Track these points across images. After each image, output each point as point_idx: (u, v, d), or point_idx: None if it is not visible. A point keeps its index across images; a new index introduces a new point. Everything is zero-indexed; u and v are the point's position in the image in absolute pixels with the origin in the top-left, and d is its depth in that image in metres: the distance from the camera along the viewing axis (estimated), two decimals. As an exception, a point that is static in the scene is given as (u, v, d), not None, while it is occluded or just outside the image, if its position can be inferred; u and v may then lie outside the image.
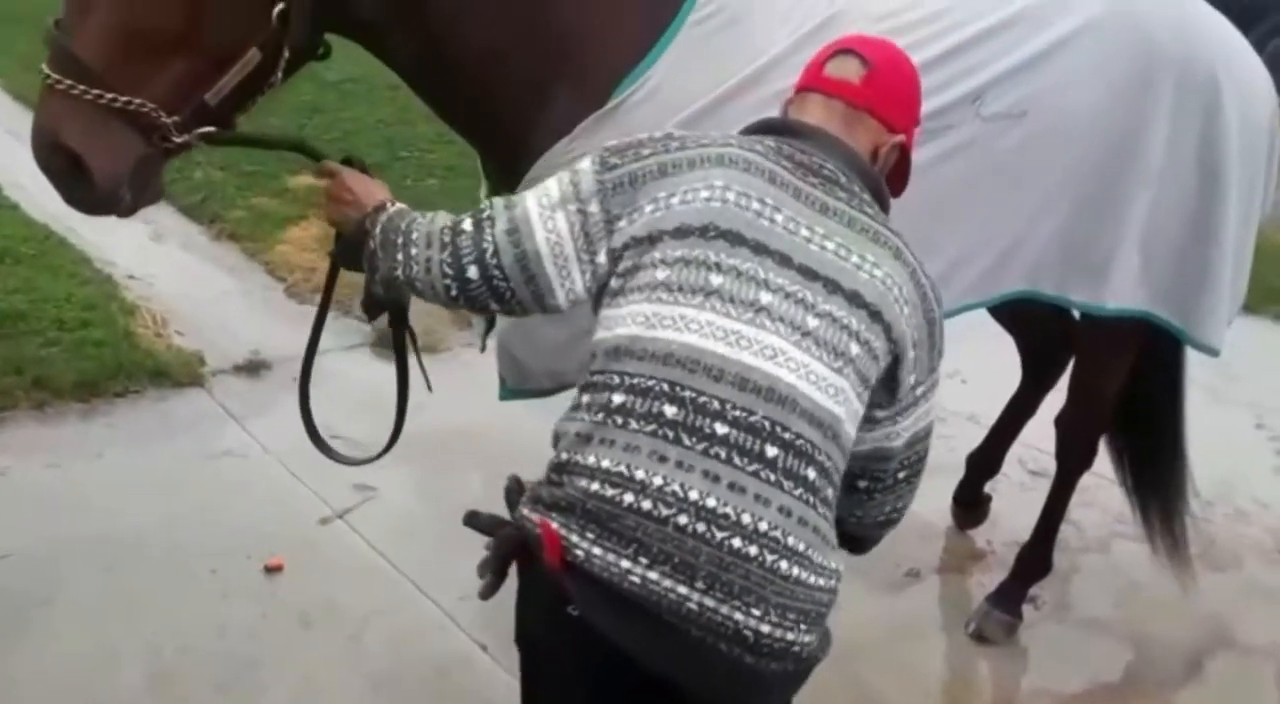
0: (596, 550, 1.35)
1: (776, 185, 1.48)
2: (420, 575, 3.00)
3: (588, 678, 1.43)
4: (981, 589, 3.10)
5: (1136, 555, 3.32)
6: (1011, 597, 3.01)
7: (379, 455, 2.15)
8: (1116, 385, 2.75)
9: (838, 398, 1.41)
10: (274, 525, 3.14)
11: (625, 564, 1.34)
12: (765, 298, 1.41)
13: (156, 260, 4.95)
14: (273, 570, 2.96)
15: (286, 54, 1.76)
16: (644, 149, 1.53)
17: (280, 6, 1.71)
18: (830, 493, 1.44)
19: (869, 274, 1.47)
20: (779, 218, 1.45)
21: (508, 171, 2.02)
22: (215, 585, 2.89)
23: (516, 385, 2.29)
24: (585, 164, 1.54)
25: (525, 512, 1.44)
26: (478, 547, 3.14)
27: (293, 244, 5.22)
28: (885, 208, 1.60)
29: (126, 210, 1.77)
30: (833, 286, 1.44)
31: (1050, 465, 3.15)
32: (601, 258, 1.50)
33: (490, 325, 2.32)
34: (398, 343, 2.10)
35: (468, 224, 1.54)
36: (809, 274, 1.43)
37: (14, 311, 4.07)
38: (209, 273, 4.93)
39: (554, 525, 1.37)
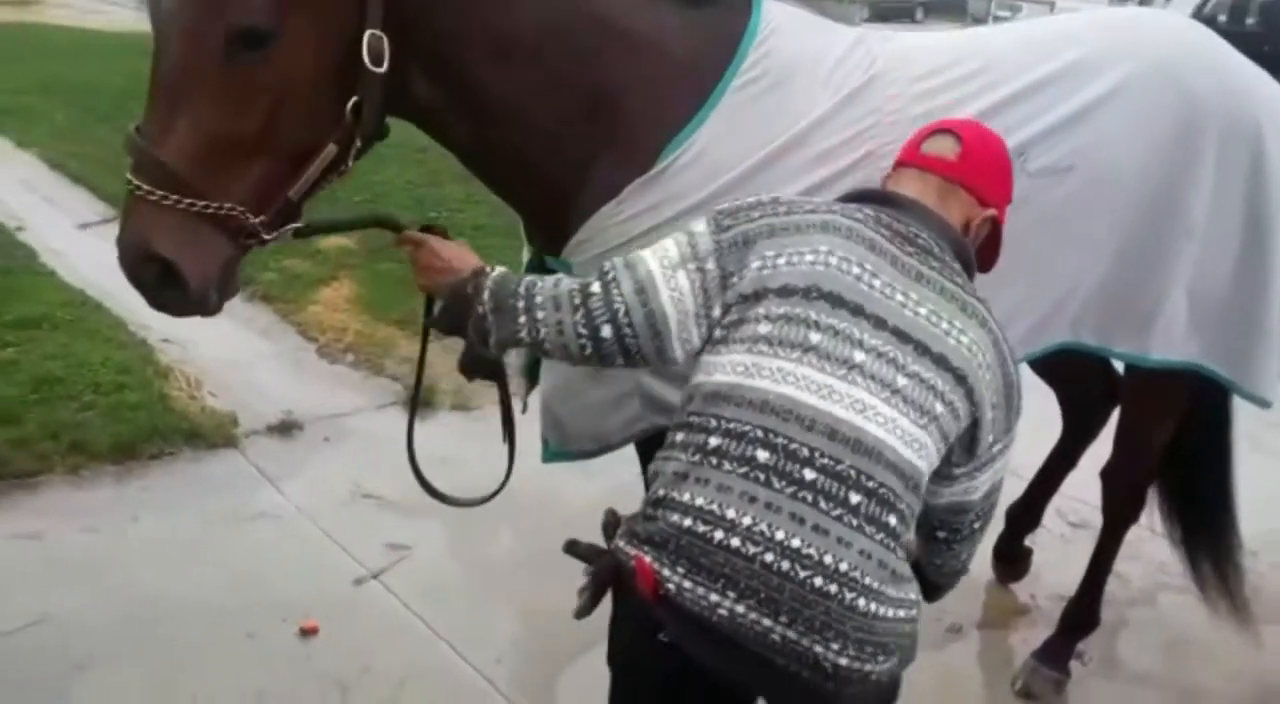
0: (687, 584, 1.45)
1: (875, 252, 1.59)
2: (456, 636, 2.97)
3: (677, 697, 1.54)
4: (1025, 645, 3.04)
5: (1183, 608, 3.26)
6: (1058, 652, 2.95)
7: (488, 498, 2.26)
8: (1164, 437, 2.71)
9: (921, 452, 1.52)
10: (308, 587, 3.13)
11: (714, 597, 1.43)
12: (859, 356, 1.51)
13: (190, 323, 4.98)
14: (308, 633, 2.94)
15: (359, 143, 1.80)
16: (754, 211, 1.64)
17: (354, 100, 1.75)
18: (909, 537, 1.55)
19: (956, 340, 1.57)
20: (877, 283, 1.56)
21: (553, 236, 2.02)
22: (251, 650, 2.87)
23: (559, 447, 2.29)
24: (700, 226, 1.64)
25: (621, 544, 1.53)
26: (513, 606, 3.14)
27: (324, 305, 5.28)
28: (972, 277, 1.70)
29: (213, 310, 1.79)
30: (922, 349, 1.55)
31: (1091, 517, 3.10)
32: (716, 312, 1.59)
33: (532, 385, 2.31)
34: (503, 398, 2.15)
35: (596, 287, 1.62)
36: (901, 337, 1.54)
37: (51, 376, 4.12)
38: (242, 335, 4.97)
39: (648, 560, 1.47)
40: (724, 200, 1.88)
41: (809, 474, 1.45)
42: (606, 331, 1.59)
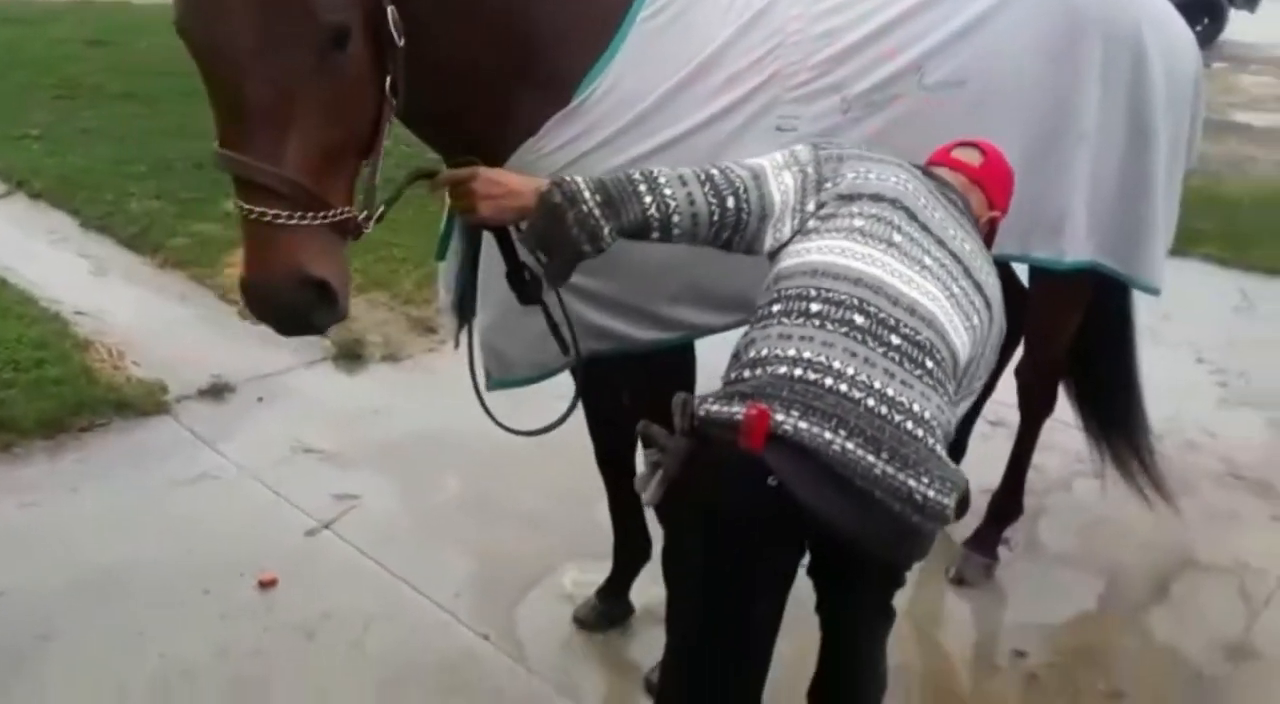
0: (803, 424, 1.59)
1: (934, 195, 1.88)
2: (413, 576, 3.04)
3: (781, 539, 1.69)
4: (957, 535, 3.20)
5: (1097, 492, 3.48)
6: (987, 540, 3.14)
7: (554, 425, 2.18)
8: (1070, 334, 2.88)
9: (965, 347, 1.77)
10: (261, 542, 3.16)
11: (828, 435, 1.59)
12: (928, 260, 1.77)
13: (102, 294, 4.90)
14: (267, 586, 2.97)
15: (393, 119, 1.80)
16: (844, 144, 1.93)
17: (389, 78, 1.74)
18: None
19: (987, 277, 1.86)
20: (936, 215, 1.84)
21: None
22: (212, 606, 2.90)
23: (502, 377, 2.35)
24: (800, 146, 1.88)
25: (717, 407, 1.65)
26: (464, 545, 3.21)
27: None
28: None
29: (343, 317, 1.76)
30: (967, 273, 1.81)
31: (1008, 415, 3.28)
32: (810, 208, 1.82)
33: (462, 324, 2.36)
34: (558, 312, 2.08)
35: (713, 170, 1.79)
36: (955, 258, 1.81)
37: (-35, 358, 4.03)
38: (159, 302, 4.89)
39: (764, 406, 1.60)
40: (641, 129, 2.02)
41: (895, 339, 1.67)
42: (730, 203, 1.77)
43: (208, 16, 1.60)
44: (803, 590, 1.81)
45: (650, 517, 2.71)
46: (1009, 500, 3.18)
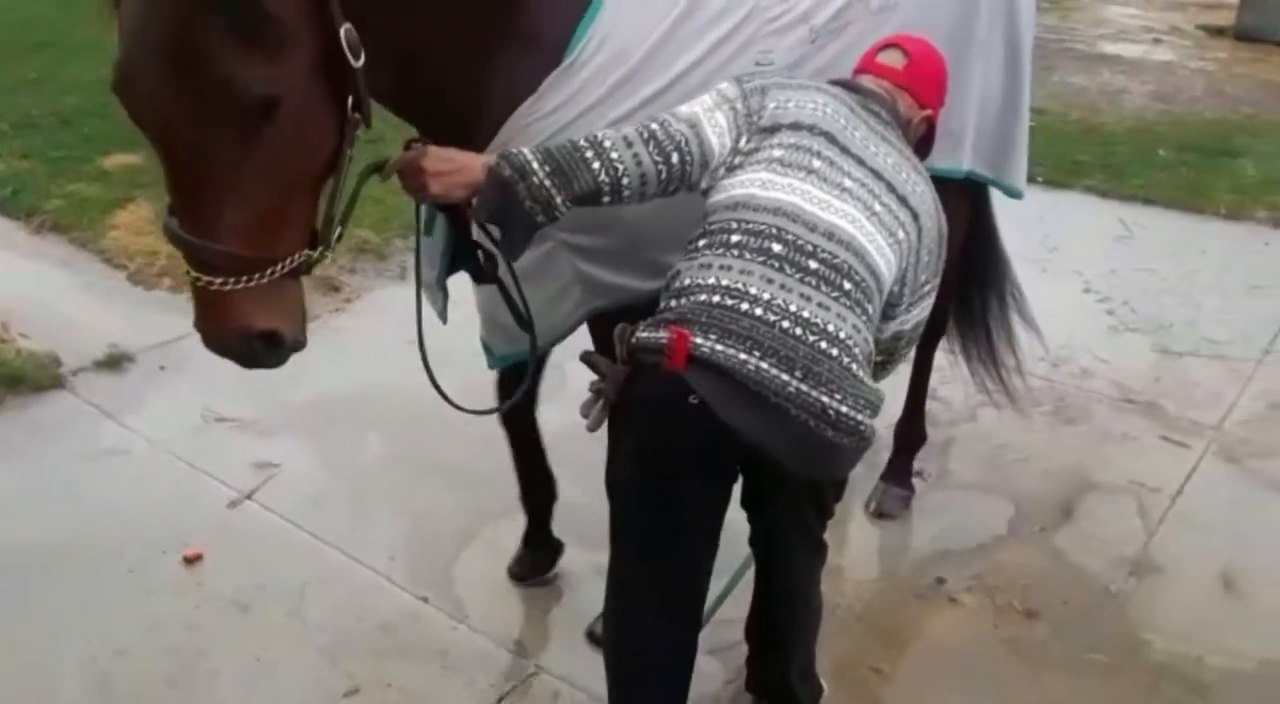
0: (720, 346, 1.71)
1: (855, 113, 1.96)
2: (346, 542, 3.02)
3: (707, 455, 1.82)
4: (872, 471, 3.32)
5: (999, 421, 3.65)
6: (900, 472, 3.27)
7: (509, 404, 2.41)
8: (958, 250, 2.96)
9: (888, 266, 1.86)
10: (182, 516, 3.08)
11: (743, 356, 1.70)
12: (848, 182, 1.85)
13: (-23, 265, 4.64)
14: (192, 561, 2.91)
15: (359, 132, 1.78)
16: (758, 75, 1.97)
17: (350, 99, 1.73)
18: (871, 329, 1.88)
19: (913, 188, 1.95)
20: (857, 134, 1.92)
21: (456, 144, 1.93)
22: (137, 584, 2.83)
23: (505, 351, 2.35)
24: (724, 83, 1.93)
25: (646, 334, 1.77)
26: (394, 507, 3.19)
27: (125, 229, 4.97)
28: None
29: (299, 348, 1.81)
30: (889, 187, 1.90)
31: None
32: (742, 144, 1.88)
33: (445, 296, 2.33)
34: (519, 294, 2.12)
35: (654, 125, 1.83)
36: (876, 176, 1.89)
37: None
38: (39, 270, 4.64)
39: (684, 330, 1.72)
40: (635, 81, 2.02)
41: (813, 264, 1.77)
42: (675, 158, 1.82)
43: (134, 91, 1.60)
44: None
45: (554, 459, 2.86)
46: (912, 428, 3.30)
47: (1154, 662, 2.68)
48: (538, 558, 2.93)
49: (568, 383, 3.16)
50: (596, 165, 1.77)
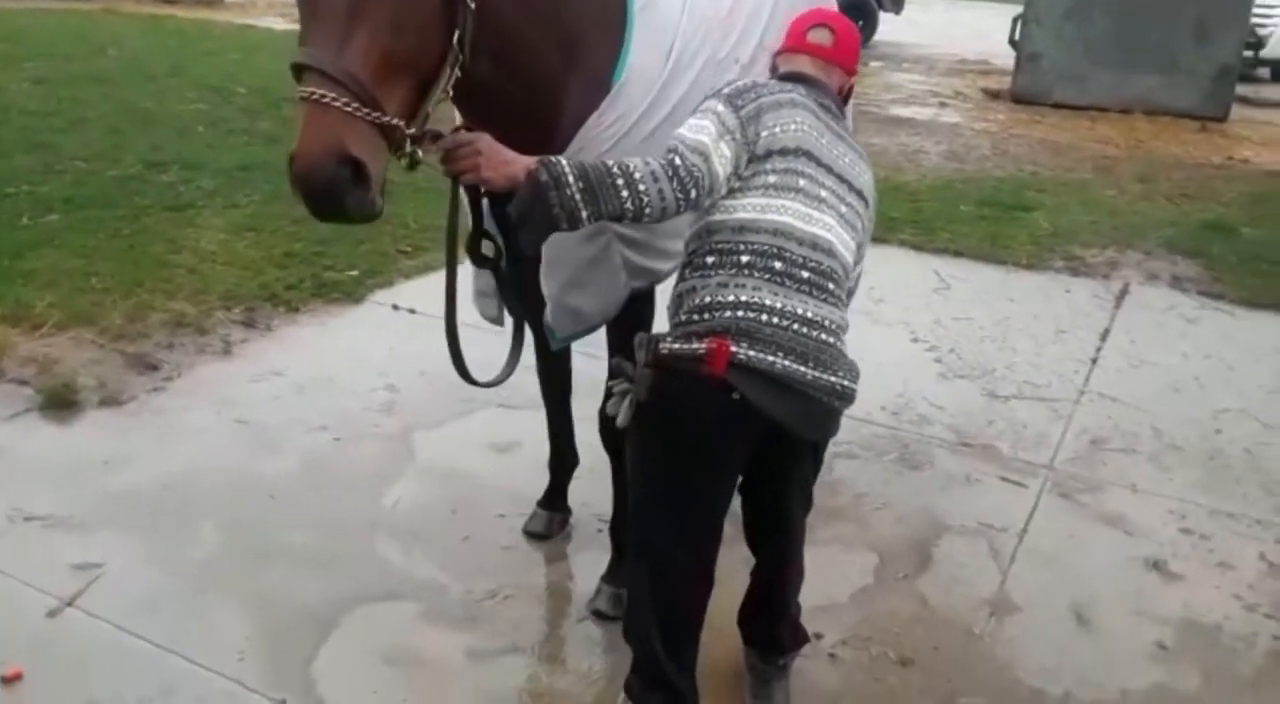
0: (752, 352, 2.12)
1: (818, 119, 2.30)
2: (186, 645, 2.74)
3: (742, 436, 2.22)
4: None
5: (857, 468, 3.73)
6: None
7: (502, 379, 2.62)
8: None
9: (851, 252, 2.30)
10: (-8, 631, 2.74)
11: (771, 358, 2.12)
12: (823, 193, 2.24)
13: None
14: (11, 681, 2.58)
15: (457, 73, 2.06)
16: (750, 93, 2.24)
17: (457, 33, 2.02)
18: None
19: (864, 179, 2.36)
20: (824, 141, 2.28)
21: (532, 150, 2.18)
22: (-57, 716, 2.48)
23: (568, 332, 2.65)
24: (721, 107, 2.20)
25: (679, 345, 2.16)
26: (236, 599, 2.95)
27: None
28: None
29: (378, 213, 1.94)
30: (850, 187, 2.30)
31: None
32: (741, 169, 2.21)
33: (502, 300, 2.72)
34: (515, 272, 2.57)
35: (677, 160, 2.09)
36: (840, 179, 2.28)
37: None
38: None
39: (724, 341, 2.11)
40: (659, 99, 2.48)
41: (805, 274, 2.19)
42: (693, 193, 2.10)
43: None
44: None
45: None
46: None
47: (1025, 700, 2.75)
48: (552, 517, 3.33)
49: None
50: (625, 194, 2.04)
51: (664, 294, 2.50)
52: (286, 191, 2.04)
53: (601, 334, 2.75)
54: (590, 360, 3.35)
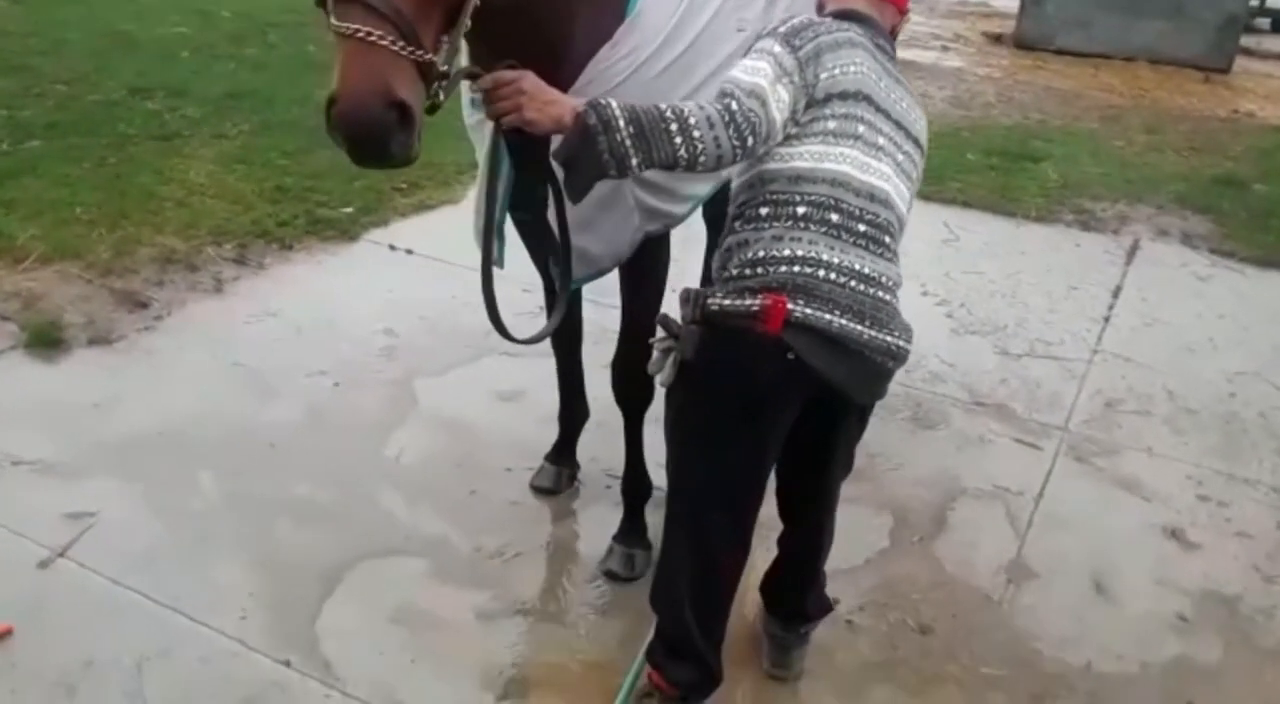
0: (809, 309, 2.02)
1: (875, 61, 2.16)
2: (185, 601, 2.65)
3: (793, 398, 2.13)
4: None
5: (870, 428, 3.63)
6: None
7: (543, 335, 2.46)
8: None
9: (906, 202, 2.20)
10: (-20, 583, 2.64)
11: (828, 316, 2.03)
12: (881, 141, 2.13)
13: None
14: (1, 637, 2.48)
15: (477, 1, 1.91)
16: (807, 32, 2.08)
17: None
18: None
19: (920, 126, 2.25)
20: (882, 84, 2.16)
21: (547, 78, 2.07)
22: (-68, 673, 2.38)
23: (582, 275, 2.54)
24: (777, 48, 2.03)
25: (730, 301, 2.05)
26: (238, 554, 2.85)
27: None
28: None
29: (415, 157, 1.83)
30: (907, 133, 2.20)
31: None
32: (800, 115, 2.07)
33: (502, 244, 2.52)
34: (563, 229, 2.38)
35: (734, 105, 1.93)
36: (897, 125, 2.17)
37: None
38: None
39: (781, 298, 2.01)
40: (674, 37, 2.38)
41: (862, 228, 2.08)
42: (750, 140, 1.94)
43: None
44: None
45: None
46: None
47: (1046, 672, 2.70)
48: (560, 471, 3.22)
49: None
50: (679, 140, 1.89)
51: (680, 242, 2.46)
52: (276, 122, 1.91)
53: (612, 281, 2.64)
54: (599, 308, 3.24)
